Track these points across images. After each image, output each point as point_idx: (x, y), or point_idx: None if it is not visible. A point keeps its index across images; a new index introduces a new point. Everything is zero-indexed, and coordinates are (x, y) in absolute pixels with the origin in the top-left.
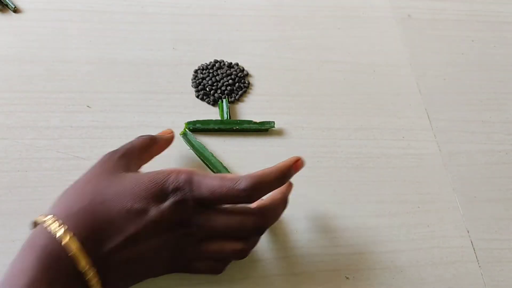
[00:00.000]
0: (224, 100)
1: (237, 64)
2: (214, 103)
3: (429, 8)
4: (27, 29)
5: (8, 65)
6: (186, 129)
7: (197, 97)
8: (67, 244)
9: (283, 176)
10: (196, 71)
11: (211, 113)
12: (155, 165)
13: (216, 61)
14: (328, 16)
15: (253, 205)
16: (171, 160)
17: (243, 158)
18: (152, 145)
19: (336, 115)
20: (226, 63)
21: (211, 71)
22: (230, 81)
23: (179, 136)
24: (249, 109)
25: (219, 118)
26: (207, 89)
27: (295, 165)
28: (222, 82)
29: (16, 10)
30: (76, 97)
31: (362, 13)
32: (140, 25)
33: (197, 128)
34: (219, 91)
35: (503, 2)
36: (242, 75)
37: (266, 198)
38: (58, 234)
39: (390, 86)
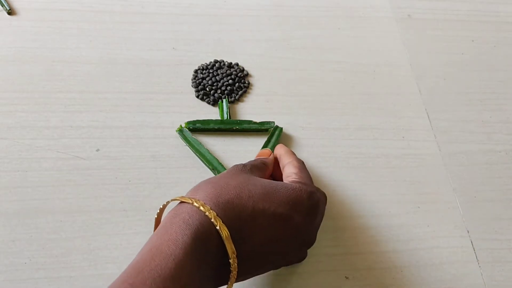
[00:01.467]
0: (224, 100)
1: (237, 64)
2: (214, 103)
3: (429, 8)
4: (27, 29)
5: (8, 65)
6: (182, 126)
7: (197, 97)
8: (219, 230)
9: None
10: (196, 71)
11: (211, 113)
12: (157, 161)
13: (216, 61)
14: (328, 16)
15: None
16: (169, 158)
17: (243, 158)
18: (264, 168)
19: (336, 115)
20: (226, 63)
21: (211, 71)
22: (230, 81)
23: (176, 134)
24: (249, 109)
25: (219, 118)
26: (207, 89)
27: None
28: (222, 82)
29: (10, 12)
30: (76, 97)
31: (362, 13)
32: (140, 25)
33: (197, 128)
34: (219, 91)
35: (503, 2)
36: (242, 75)
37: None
38: (212, 218)
39: (390, 86)
